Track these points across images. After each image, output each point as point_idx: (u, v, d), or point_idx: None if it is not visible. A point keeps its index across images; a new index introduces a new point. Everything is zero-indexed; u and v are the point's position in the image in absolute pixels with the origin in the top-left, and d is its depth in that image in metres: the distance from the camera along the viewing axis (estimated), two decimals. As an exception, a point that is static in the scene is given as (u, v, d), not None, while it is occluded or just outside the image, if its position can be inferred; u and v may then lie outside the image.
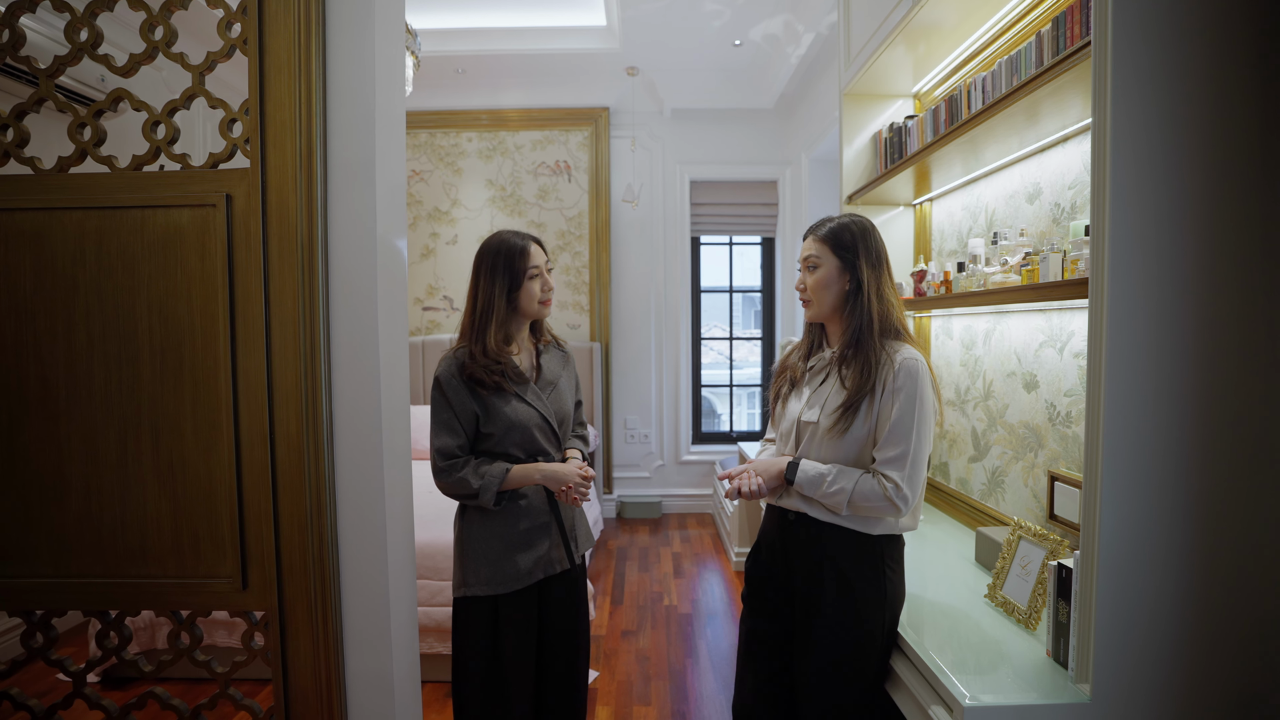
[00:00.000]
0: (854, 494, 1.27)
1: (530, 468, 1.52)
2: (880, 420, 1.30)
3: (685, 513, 4.88)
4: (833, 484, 1.29)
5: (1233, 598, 1.10)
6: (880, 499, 1.26)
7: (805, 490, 1.33)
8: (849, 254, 1.36)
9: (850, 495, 1.28)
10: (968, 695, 1.11)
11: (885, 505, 1.27)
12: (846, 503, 1.28)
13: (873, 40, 2.14)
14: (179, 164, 1.37)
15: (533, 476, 1.52)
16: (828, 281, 1.37)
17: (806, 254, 1.41)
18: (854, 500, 1.28)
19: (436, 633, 2.47)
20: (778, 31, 3.80)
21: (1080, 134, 1.58)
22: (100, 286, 1.34)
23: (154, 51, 1.36)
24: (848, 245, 1.36)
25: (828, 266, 1.37)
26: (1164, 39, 1.07)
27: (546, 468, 1.53)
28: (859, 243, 1.36)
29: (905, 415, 1.27)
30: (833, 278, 1.37)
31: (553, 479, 1.52)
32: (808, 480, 1.32)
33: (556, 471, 1.52)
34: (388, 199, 1.44)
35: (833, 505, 1.30)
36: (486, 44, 4.03)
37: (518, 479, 1.51)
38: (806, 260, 1.41)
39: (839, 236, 1.37)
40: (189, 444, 1.34)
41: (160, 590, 1.35)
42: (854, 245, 1.36)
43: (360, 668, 1.42)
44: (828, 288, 1.38)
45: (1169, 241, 1.08)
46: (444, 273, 4.71)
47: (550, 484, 1.52)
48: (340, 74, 1.38)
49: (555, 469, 1.53)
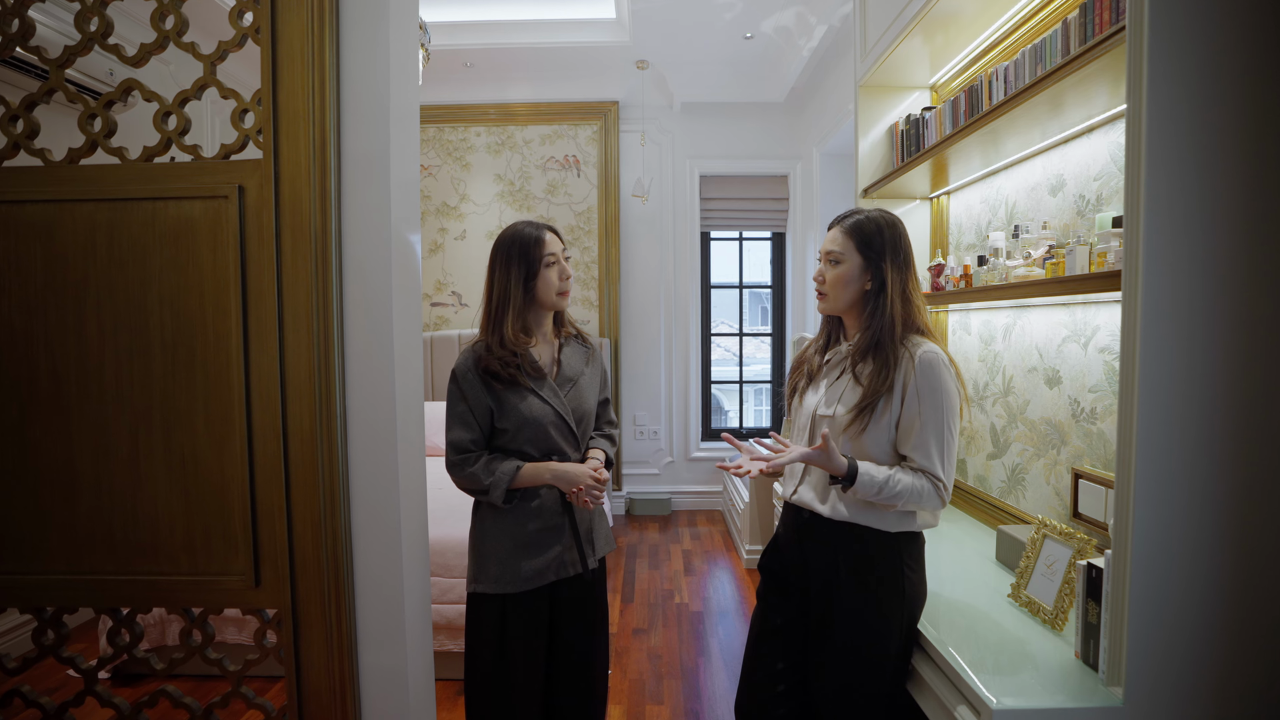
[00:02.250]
0: (911, 494, 1.24)
1: (541, 467, 1.49)
2: (906, 417, 1.27)
3: (695, 510, 4.86)
4: (894, 487, 1.24)
5: (1265, 598, 1.07)
6: (932, 495, 1.25)
7: (863, 494, 1.26)
8: (873, 252, 1.32)
9: (908, 497, 1.24)
10: (995, 699, 1.08)
11: (934, 501, 1.26)
12: (904, 503, 1.25)
13: (890, 31, 2.11)
14: (190, 155, 1.35)
15: (543, 476, 1.49)
16: (848, 279, 1.34)
17: (830, 247, 1.37)
18: (910, 500, 1.25)
19: (448, 630, 2.46)
20: (789, 24, 3.76)
21: (1105, 124, 1.55)
22: (111, 279, 1.32)
23: (165, 41, 1.34)
24: (873, 243, 1.32)
25: (850, 264, 1.34)
26: (1200, 25, 1.04)
27: (558, 467, 1.49)
28: (885, 242, 1.32)
29: (934, 411, 1.25)
30: (853, 275, 1.34)
31: (563, 479, 1.49)
32: (867, 485, 1.24)
33: (568, 472, 1.49)
34: (401, 192, 1.42)
35: (888, 505, 1.27)
36: (495, 37, 4.00)
37: (528, 478, 1.48)
38: (829, 254, 1.36)
39: (865, 232, 1.33)
40: (201, 439, 1.33)
41: (172, 587, 1.33)
42: (880, 245, 1.32)
43: (374, 665, 1.41)
44: (847, 285, 1.34)
45: (1203, 234, 1.05)
46: (452, 268, 4.69)
47: (561, 484, 1.49)
48: (354, 65, 1.36)
49: (566, 469, 1.49)
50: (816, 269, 1.40)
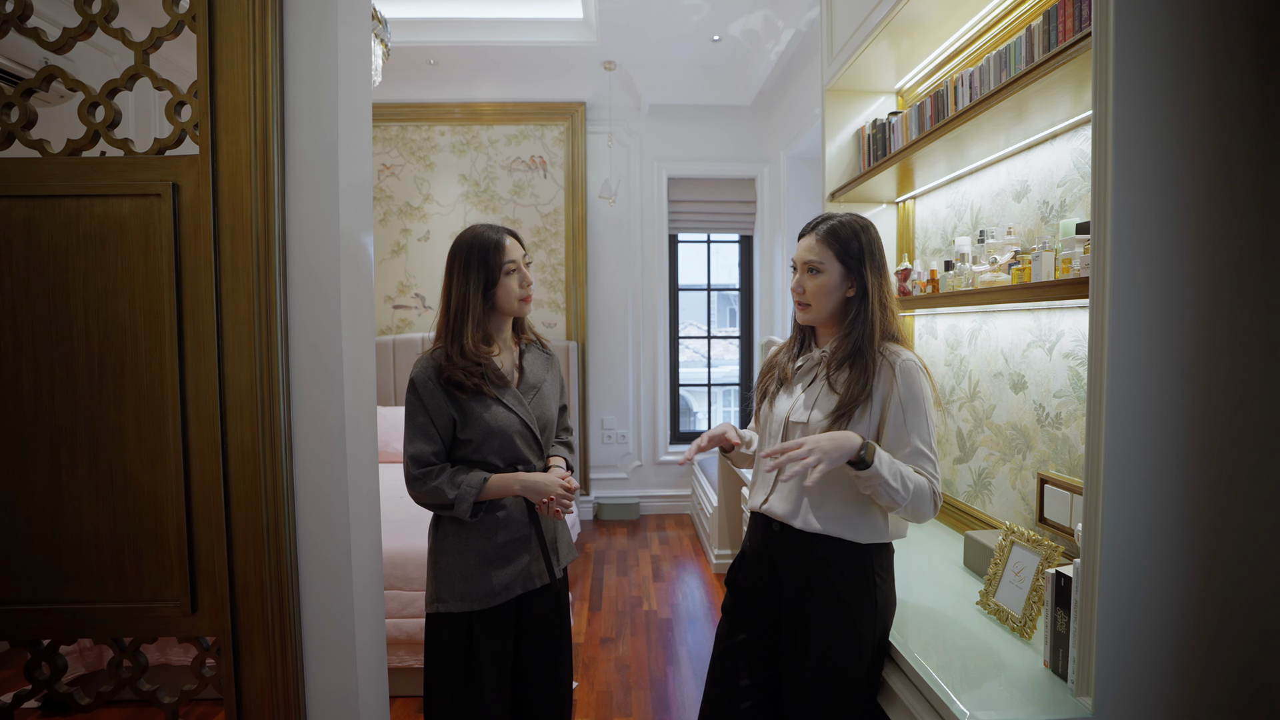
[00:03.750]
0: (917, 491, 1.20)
1: (509, 478, 1.43)
2: (891, 426, 1.25)
3: (664, 514, 4.82)
4: (909, 475, 1.20)
5: (1233, 605, 1.07)
6: (930, 499, 1.23)
7: (885, 471, 1.18)
8: (854, 260, 1.30)
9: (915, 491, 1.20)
10: (967, 712, 1.06)
11: (930, 508, 1.23)
12: (911, 498, 1.20)
13: (855, 36, 2.10)
14: (121, 150, 1.26)
15: (512, 487, 1.43)
16: (830, 288, 1.31)
17: (808, 257, 1.33)
18: (915, 498, 1.21)
19: (408, 645, 2.37)
20: (757, 27, 3.76)
21: (1068, 131, 1.56)
22: (29, 283, 1.22)
23: (90, 26, 1.25)
24: (852, 251, 1.30)
25: (831, 273, 1.30)
26: (1165, 34, 1.04)
27: (526, 478, 1.44)
28: (863, 248, 1.30)
29: (919, 418, 1.24)
30: (835, 284, 1.31)
31: (533, 490, 1.43)
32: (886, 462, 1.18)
33: (537, 482, 1.44)
34: (352, 191, 1.34)
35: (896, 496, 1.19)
36: (460, 35, 3.91)
37: (496, 489, 1.42)
38: (807, 264, 1.33)
39: (843, 240, 1.30)
40: (131, 455, 1.23)
41: (98, 616, 1.23)
42: (859, 251, 1.30)
43: (323, 688, 1.33)
44: (829, 294, 1.31)
45: (1170, 240, 1.04)
46: (415, 270, 4.57)
47: (530, 495, 1.44)
48: (299, 56, 1.28)
49: (536, 479, 1.44)
50: (794, 279, 1.36)
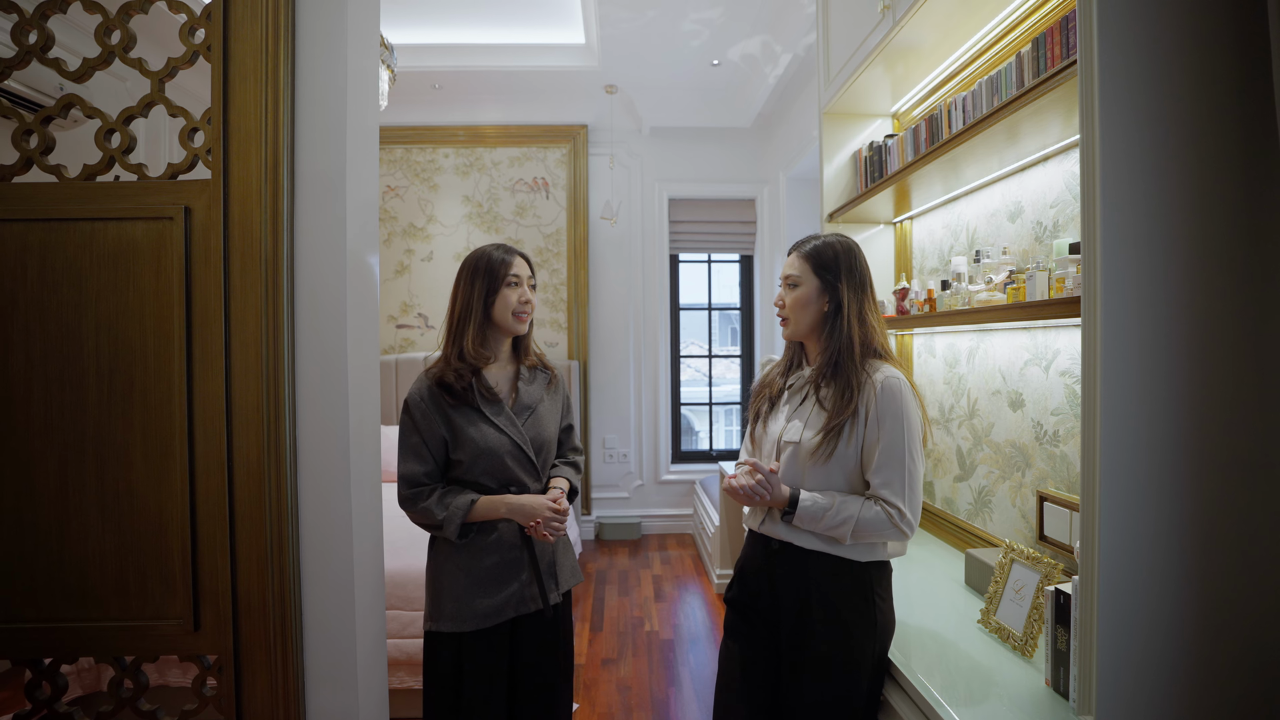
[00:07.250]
0: (858, 524, 1.23)
1: (497, 500, 1.43)
2: (868, 444, 1.26)
3: (665, 533, 4.80)
4: (836, 515, 1.24)
5: (1231, 620, 1.07)
6: (886, 526, 1.23)
7: (805, 525, 1.26)
8: (830, 275, 1.34)
9: (855, 525, 1.23)
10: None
11: (892, 531, 1.23)
12: (850, 533, 1.24)
13: (851, 61, 2.15)
14: (135, 175, 1.29)
15: (499, 509, 1.43)
16: (806, 301, 1.35)
17: (788, 272, 1.39)
18: (859, 530, 1.23)
19: (408, 666, 2.35)
20: (755, 52, 3.84)
21: (1060, 153, 1.59)
22: (43, 304, 1.24)
23: (110, 56, 1.29)
24: (829, 266, 1.34)
25: (807, 286, 1.35)
26: (1147, 61, 1.07)
27: (514, 500, 1.43)
28: (841, 264, 1.34)
29: (895, 438, 1.24)
30: (811, 298, 1.35)
31: (520, 512, 1.43)
32: (808, 515, 1.25)
33: (524, 504, 1.43)
34: (359, 213, 1.37)
35: (836, 536, 1.25)
36: (464, 60, 3.99)
37: (483, 511, 1.42)
38: (787, 278, 1.38)
39: (821, 256, 1.35)
40: (138, 473, 1.25)
41: (101, 634, 1.24)
42: (835, 266, 1.34)
43: (324, 708, 1.33)
44: (805, 307, 1.35)
45: (1159, 259, 1.06)
46: (419, 290, 4.61)
47: (518, 518, 1.43)
48: (310, 83, 1.32)
49: (523, 502, 1.43)
50: (778, 294, 1.41)
